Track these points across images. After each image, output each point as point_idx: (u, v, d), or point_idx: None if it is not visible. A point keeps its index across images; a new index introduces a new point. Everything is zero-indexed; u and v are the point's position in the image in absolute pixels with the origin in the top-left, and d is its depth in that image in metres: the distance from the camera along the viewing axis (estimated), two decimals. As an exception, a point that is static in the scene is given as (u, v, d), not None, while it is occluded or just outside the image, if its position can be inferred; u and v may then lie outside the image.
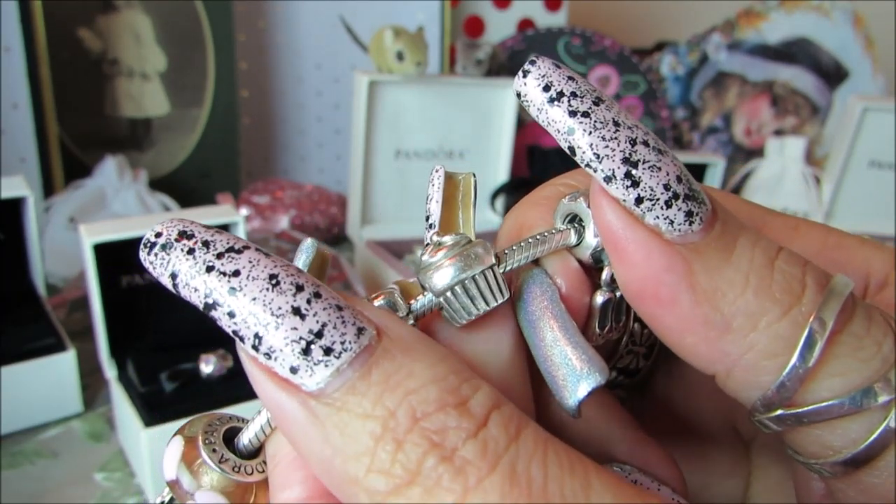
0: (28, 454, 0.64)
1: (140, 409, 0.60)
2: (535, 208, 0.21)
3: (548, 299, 0.19)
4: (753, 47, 1.35)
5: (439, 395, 0.15)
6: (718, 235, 0.18)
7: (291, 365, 0.15)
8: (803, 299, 0.17)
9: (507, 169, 1.11)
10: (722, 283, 0.17)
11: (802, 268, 0.18)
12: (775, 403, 0.17)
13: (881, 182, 1.21)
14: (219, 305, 0.16)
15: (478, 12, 1.30)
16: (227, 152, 1.14)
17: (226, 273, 0.16)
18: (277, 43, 1.21)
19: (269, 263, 0.16)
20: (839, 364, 0.17)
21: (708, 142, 1.38)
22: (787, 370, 0.17)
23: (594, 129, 0.18)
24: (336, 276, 0.97)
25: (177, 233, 0.16)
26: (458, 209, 0.20)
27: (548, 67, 0.18)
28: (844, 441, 0.17)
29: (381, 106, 1.01)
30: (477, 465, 0.14)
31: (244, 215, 0.71)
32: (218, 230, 0.17)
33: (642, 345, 0.24)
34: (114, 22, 1.03)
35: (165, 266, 0.16)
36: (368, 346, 0.16)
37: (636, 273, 0.18)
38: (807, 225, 0.22)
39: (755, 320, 0.17)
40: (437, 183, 0.20)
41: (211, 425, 0.19)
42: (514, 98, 1.08)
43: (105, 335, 0.64)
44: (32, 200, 0.71)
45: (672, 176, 0.18)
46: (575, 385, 0.18)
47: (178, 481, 0.18)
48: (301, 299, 0.16)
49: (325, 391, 0.15)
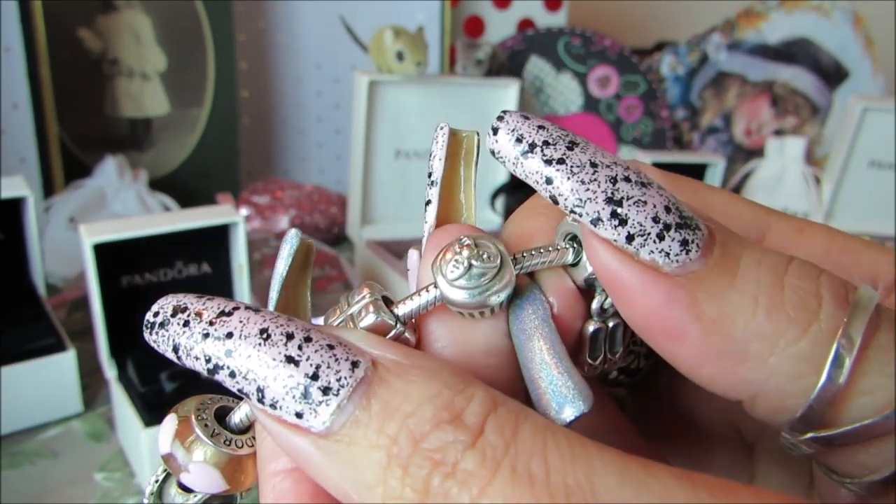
0: (28, 454, 0.64)
1: (140, 409, 0.60)
2: (535, 218, 0.21)
3: (539, 318, 0.19)
4: (753, 47, 1.35)
5: (434, 413, 0.15)
6: (719, 259, 0.17)
7: (296, 411, 0.16)
8: (821, 314, 0.16)
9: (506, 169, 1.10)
10: (730, 308, 0.17)
11: (816, 280, 0.17)
12: (805, 426, 0.17)
13: (881, 182, 1.21)
14: (220, 368, 0.17)
15: (478, 12, 1.30)
16: (227, 152, 1.14)
17: (220, 337, 0.17)
18: (277, 43, 1.21)
19: (259, 319, 0.17)
20: (868, 381, 0.16)
21: (708, 142, 1.38)
22: (816, 392, 0.16)
23: (572, 173, 0.17)
24: (336, 276, 0.97)
25: (171, 309, 0.17)
26: (461, 166, 0.20)
27: (516, 121, 0.18)
28: (880, 460, 0.17)
29: (381, 106, 1.01)
30: (478, 475, 0.14)
31: (244, 215, 0.71)
32: (210, 297, 0.18)
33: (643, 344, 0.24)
34: (114, 22, 1.03)
35: (167, 342, 0.17)
36: (364, 377, 0.16)
37: (639, 312, 0.17)
38: (812, 227, 0.21)
39: (772, 343, 0.16)
40: (441, 140, 0.20)
41: (203, 404, 0.20)
42: (515, 98, 1.08)
43: (105, 335, 0.64)
44: (32, 200, 0.71)
45: (660, 207, 0.17)
46: (559, 411, 0.18)
47: (172, 455, 0.19)
48: (293, 347, 0.16)
49: (332, 429, 0.16)
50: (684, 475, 0.14)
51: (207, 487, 0.19)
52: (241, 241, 0.68)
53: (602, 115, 1.32)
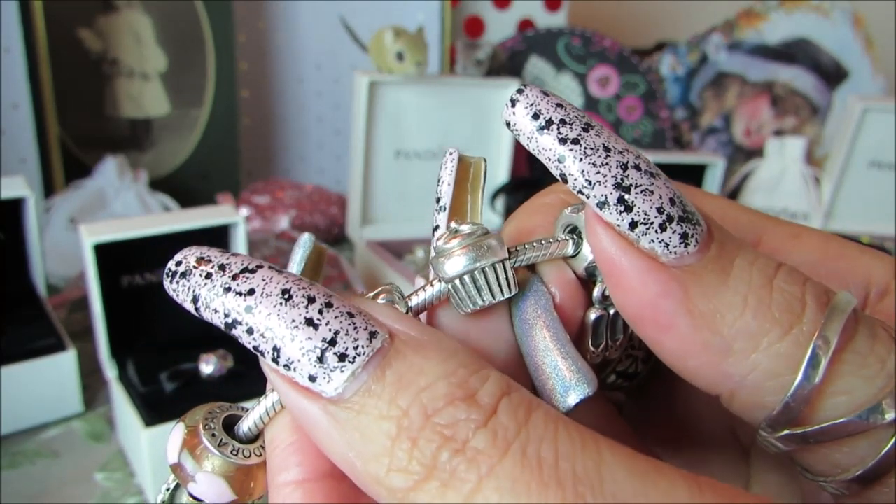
0: (28, 454, 0.64)
1: (140, 409, 0.60)
2: (535, 215, 0.22)
3: (542, 308, 0.19)
4: (753, 47, 1.35)
5: (448, 390, 0.15)
6: (715, 256, 0.18)
7: (309, 374, 0.16)
8: (804, 318, 0.17)
9: (507, 169, 1.11)
10: (720, 305, 0.17)
11: (802, 286, 0.18)
12: (781, 423, 0.17)
13: (881, 182, 1.21)
14: (238, 324, 0.17)
15: (478, 12, 1.30)
16: (227, 152, 1.14)
17: (241, 293, 0.17)
18: (278, 43, 1.21)
19: (282, 279, 0.17)
20: (843, 382, 0.17)
21: (708, 142, 1.39)
22: (792, 390, 0.17)
23: (584, 155, 0.18)
24: (336, 276, 0.97)
25: (195, 259, 0.17)
26: (468, 192, 0.21)
27: (536, 96, 0.18)
28: (853, 459, 0.17)
29: (381, 106, 1.01)
30: (488, 454, 0.15)
31: (244, 215, 0.71)
32: (234, 253, 0.18)
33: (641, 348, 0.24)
34: (114, 22, 1.03)
35: (187, 292, 0.17)
36: (381, 348, 0.16)
37: (633, 299, 0.18)
38: (807, 233, 0.21)
39: (756, 341, 0.17)
40: (450, 166, 0.20)
41: (211, 412, 0.20)
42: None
43: (105, 335, 0.64)
44: (33, 200, 0.71)
45: (665, 199, 0.18)
46: (564, 395, 0.18)
47: (180, 465, 0.19)
48: (313, 310, 0.16)
49: (343, 396, 0.16)
50: (691, 477, 0.15)
51: (216, 497, 0.19)
52: (242, 242, 0.68)
53: (602, 115, 1.32)
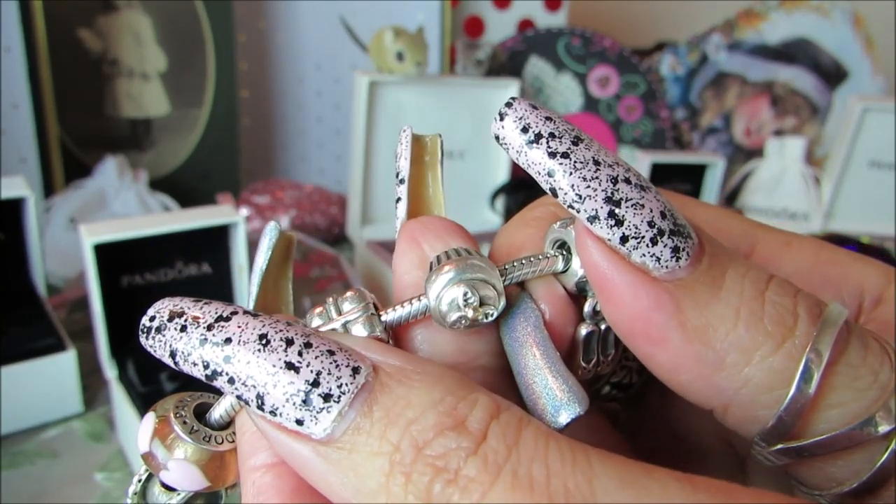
0: (28, 454, 0.64)
1: (140, 409, 0.60)
2: (525, 229, 0.21)
3: (531, 325, 0.19)
4: (753, 47, 1.35)
5: (437, 420, 0.15)
6: (707, 269, 0.18)
7: (296, 418, 0.16)
8: (796, 331, 0.17)
9: (506, 169, 1.11)
10: (713, 318, 0.17)
11: (793, 298, 0.17)
12: (775, 437, 0.17)
13: (881, 182, 1.21)
14: (219, 375, 0.16)
15: (478, 12, 1.30)
16: (227, 152, 1.14)
17: (218, 343, 0.16)
18: (277, 43, 1.21)
19: (258, 324, 0.17)
20: (836, 395, 0.17)
21: (708, 142, 1.39)
22: (785, 404, 0.17)
23: (574, 169, 0.17)
24: (336, 276, 0.97)
25: (167, 314, 0.17)
26: (427, 167, 0.21)
27: (524, 109, 0.18)
28: (847, 473, 0.17)
29: (381, 106, 1.01)
30: (480, 480, 0.15)
31: (244, 215, 0.71)
32: (207, 301, 0.17)
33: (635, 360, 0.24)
34: (114, 22, 1.03)
35: (164, 347, 0.17)
36: (366, 383, 0.16)
37: (624, 313, 0.18)
38: (799, 240, 0.21)
39: (749, 355, 0.17)
40: (405, 142, 0.21)
41: (182, 401, 0.20)
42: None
43: (105, 335, 0.64)
44: (33, 200, 0.71)
45: (656, 212, 0.17)
46: (555, 415, 0.18)
47: (151, 453, 0.19)
48: (293, 353, 0.16)
49: (333, 436, 0.16)
50: (685, 478, 0.14)
51: (189, 485, 0.19)
52: (242, 242, 0.68)
53: (602, 115, 1.32)
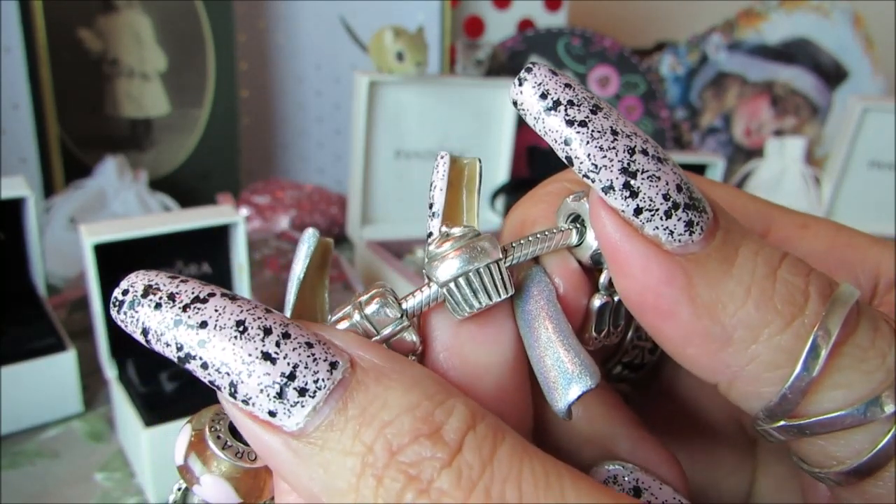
0: (28, 454, 0.64)
1: (140, 409, 0.60)
2: (539, 205, 0.21)
3: (545, 299, 0.19)
4: (753, 47, 1.35)
5: (413, 426, 0.15)
6: (720, 245, 0.17)
7: (269, 409, 0.16)
8: (806, 310, 0.17)
9: (507, 169, 1.11)
10: (723, 294, 0.17)
11: (806, 277, 0.17)
12: (778, 414, 0.17)
13: (881, 182, 1.21)
14: (192, 358, 0.16)
15: (478, 12, 1.30)
16: (227, 152, 1.14)
17: (193, 326, 0.16)
18: (277, 43, 1.21)
19: (236, 309, 0.16)
20: (842, 375, 0.17)
21: (708, 142, 1.38)
22: (790, 381, 0.17)
23: (591, 138, 0.17)
24: (336, 276, 0.97)
25: (142, 288, 0.16)
26: (462, 195, 0.20)
27: (544, 75, 0.18)
28: (848, 452, 0.17)
29: (381, 106, 1.01)
30: (452, 495, 0.14)
31: (244, 215, 0.71)
32: (184, 279, 0.17)
33: (648, 339, 0.24)
34: (114, 22, 1.03)
35: (136, 323, 0.16)
36: (343, 379, 0.16)
37: (635, 285, 0.18)
38: (816, 223, 0.21)
39: (757, 332, 0.17)
40: (441, 170, 0.19)
41: (218, 415, 0.19)
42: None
43: (105, 335, 0.64)
44: (33, 200, 0.71)
45: (672, 185, 0.17)
46: (566, 388, 0.18)
47: (187, 467, 0.19)
48: (270, 343, 0.16)
49: (305, 431, 0.15)
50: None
51: (221, 500, 0.19)
52: (242, 242, 0.68)
53: (602, 115, 1.32)
